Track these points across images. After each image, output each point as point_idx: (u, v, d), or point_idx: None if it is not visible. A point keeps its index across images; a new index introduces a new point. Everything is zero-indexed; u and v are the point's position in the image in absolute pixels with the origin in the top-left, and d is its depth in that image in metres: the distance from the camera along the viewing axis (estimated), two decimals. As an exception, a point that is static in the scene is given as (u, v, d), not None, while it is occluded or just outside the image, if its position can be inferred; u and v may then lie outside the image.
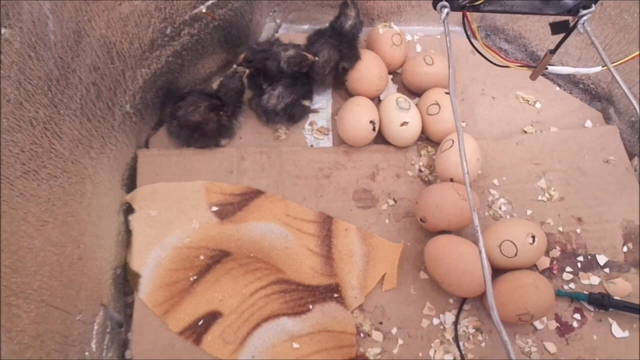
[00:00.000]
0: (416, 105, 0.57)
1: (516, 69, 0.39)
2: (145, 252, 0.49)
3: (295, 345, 0.46)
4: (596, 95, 0.61)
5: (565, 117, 0.60)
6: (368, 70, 0.56)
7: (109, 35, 0.44)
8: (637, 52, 0.34)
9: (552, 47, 0.37)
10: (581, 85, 0.62)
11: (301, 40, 0.58)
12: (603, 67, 0.29)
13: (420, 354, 0.47)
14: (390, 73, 0.60)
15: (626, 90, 0.28)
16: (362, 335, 0.47)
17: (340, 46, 0.55)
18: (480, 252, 0.23)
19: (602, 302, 0.48)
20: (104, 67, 0.45)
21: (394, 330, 0.48)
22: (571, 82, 0.62)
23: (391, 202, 0.54)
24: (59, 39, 0.38)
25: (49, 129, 0.38)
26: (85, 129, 0.44)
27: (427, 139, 0.57)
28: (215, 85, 0.58)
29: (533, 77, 0.40)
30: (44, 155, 0.38)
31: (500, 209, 0.54)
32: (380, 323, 0.48)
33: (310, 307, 0.48)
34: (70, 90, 0.41)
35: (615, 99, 0.60)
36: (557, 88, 0.62)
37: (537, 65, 0.37)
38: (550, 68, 0.37)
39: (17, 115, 0.34)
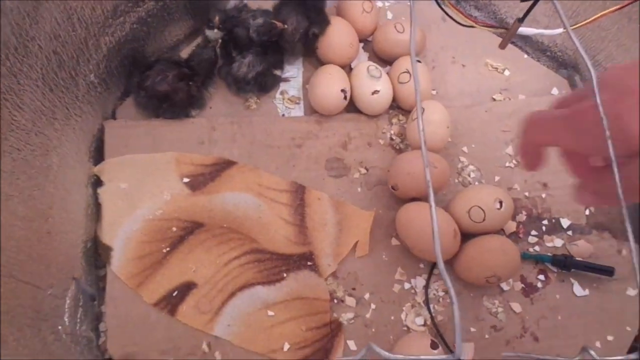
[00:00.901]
0: (387, 73, 0.57)
1: (481, 29, 0.39)
2: (116, 225, 0.48)
3: (270, 312, 0.47)
4: (563, 63, 0.62)
5: (533, 85, 0.61)
6: (339, 37, 0.56)
7: (69, 1, 0.42)
8: (596, 16, 0.35)
9: (521, 15, 0.37)
10: (548, 53, 0.62)
11: (270, 5, 0.56)
12: (564, 29, 0.30)
13: (392, 318, 0.49)
14: (361, 41, 0.60)
15: (581, 51, 0.28)
16: (335, 301, 0.48)
17: (307, 12, 0.54)
18: (430, 207, 0.24)
19: (565, 263, 0.50)
20: (65, 34, 0.43)
21: (367, 296, 0.49)
22: (539, 50, 0.63)
23: (363, 170, 0.54)
24: (15, 5, 0.36)
25: (8, 100, 0.37)
26: (47, 99, 0.42)
27: (399, 107, 0.57)
28: (183, 54, 0.57)
29: (502, 46, 0.41)
30: (5, 127, 0.36)
31: (469, 175, 0.55)
32: (353, 289, 0.49)
33: (285, 275, 0.48)
34: (30, 59, 0.39)
35: (580, 66, 0.61)
36: (525, 56, 0.63)
37: (500, 25, 0.37)
38: (521, 30, 0.38)
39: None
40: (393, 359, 0.21)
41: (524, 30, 0.37)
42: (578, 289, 0.51)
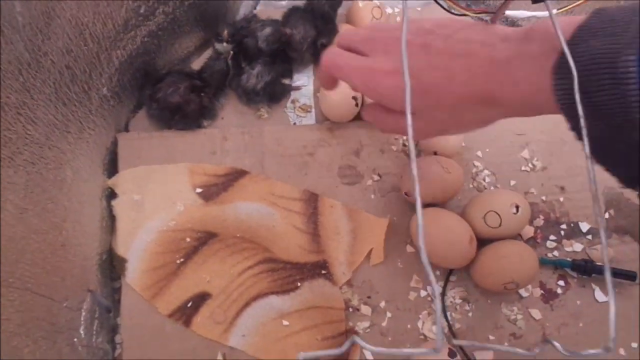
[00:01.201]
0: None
1: (474, 17, 0.38)
2: (130, 237, 0.48)
3: (285, 322, 0.46)
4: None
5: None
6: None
7: (81, 16, 0.43)
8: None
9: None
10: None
11: (279, 15, 0.56)
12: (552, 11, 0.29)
13: (408, 326, 0.48)
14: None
15: (562, 39, 0.28)
16: (350, 309, 0.48)
17: (315, 21, 0.54)
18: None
19: (585, 268, 0.49)
20: (77, 49, 0.43)
21: (382, 304, 0.48)
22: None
23: (376, 177, 0.54)
24: (27, 21, 0.37)
25: (22, 114, 0.37)
26: (61, 113, 0.43)
27: (410, 113, 0.57)
28: (194, 66, 0.57)
29: (492, 21, 0.39)
30: (19, 141, 0.37)
31: (484, 180, 0.54)
32: (369, 297, 0.49)
33: (299, 284, 0.48)
34: (42, 74, 0.40)
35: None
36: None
37: (492, 10, 0.36)
38: (507, 12, 0.37)
39: (-12, 101, 0.33)
40: (377, 351, 0.22)
41: (512, 13, 0.37)
42: (600, 295, 0.50)
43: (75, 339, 0.42)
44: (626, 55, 0.26)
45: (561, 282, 0.50)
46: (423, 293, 0.49)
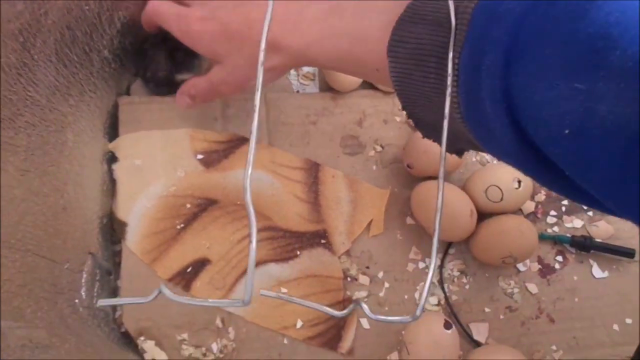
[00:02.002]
0: (404, 48, 0.55)
1: None
2: (131, 201, 0.48)
3: (284, 290, 0.47)
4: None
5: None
6: None
7: (81, -25, 0.42)
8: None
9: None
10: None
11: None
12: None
13: (405, 297, 0.48)
14: None
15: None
16: (349, 279, 0.48)
17: None
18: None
19: (584, 244, 0.49)
20: (77, 9, 0.42)
21: (381, 274, 0.49)
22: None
23: (378, 148, 0.53)
24: (26, -21, 0.36)
25: (22, 75, 0.37)
26: (62, 75, 0.42)
27: (415, 84, 0.56)
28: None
29: None
30: (20, 102, 0.36)
31: (487, 154, 0.54)
32: (367, 267, 0.49)
33: (298, 253, 0.48)
34: (42, 35, 0.39)
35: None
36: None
37: None
38: None
39: (-14, 61, 0.32)
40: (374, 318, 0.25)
41: None
42: (597, 271, 0.50)
43: (77, 300, 0.43)
44: (453, 58, 0.26)
45: (559, 258, 0.50)
46: (421, 265, 0.49)
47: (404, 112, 0.32)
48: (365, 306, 0.22)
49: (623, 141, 0.20)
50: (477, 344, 0.47)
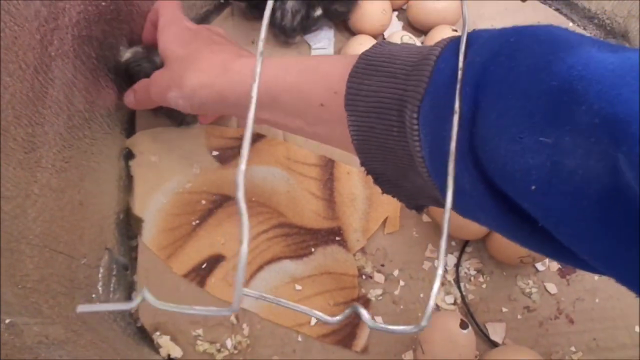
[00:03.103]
0: (422, 43, 0.55)
1: None
2: (147, 197, 0.49)
3: (298, 287, 0.47)
4: (611, 31, 0.58)
5: (578, 55, 0.58)
6: (370, 3, 0.54)
7: (98, -28, 0.42)
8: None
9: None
10: (596, 21, 0.59)
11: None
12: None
13: (421, 295, 0.48)
14: (395, 9, 0.58)
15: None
16: (364, 277, 0.48)
17: None
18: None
19: (605, 244, 0.48)
20: (94, 6, 0.43)
21: (396, 272, 0.48)
22: (586, 18, 0.59)
23: (394, 145, 0.53)
24: (43, -24, 0.36)
25: (40, 73, 0.37)
26: (79, 72, 0.43)
27: (433, 80, 0.55)
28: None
29: None
30: (37, 99, 0.37)
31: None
32: (382, 265, 0.49)
33: (312, 250, 0.48)
34: (60, 32, 0.39)
35: (630, 35, 0.57)
36: (571, 24, 0.59)
37: None
38: None
39: (5, 58, 0.33)
40: (373, 327, 0.22)
41: None
42: (619, 271, 0.49)
43: (94, 295, 0.43)
44: (410, 112, 0.25)
45: (579, 257, 0.49)
46: (437, 263, 0.49)
47: (362, 168, 0.31)
48: (364, 312, 0.21)
49: (595, 196, 0.19)
50: (494, 345, 0.46)
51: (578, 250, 0.22)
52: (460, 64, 0.23)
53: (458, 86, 0.23)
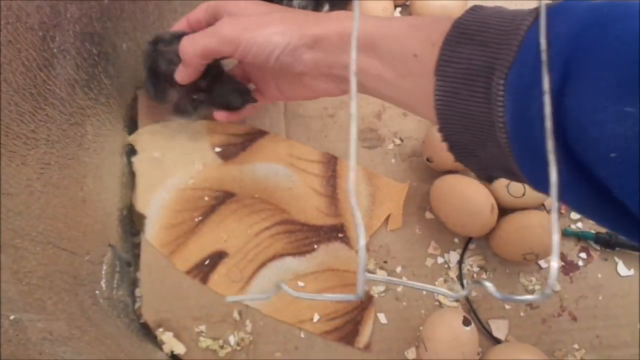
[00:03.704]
0: (425, 39, 0.54)
1: None
2: (150, 194, 0.49)
3: (301, 283, 0.47)
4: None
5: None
6: (370, 2, 0.53)
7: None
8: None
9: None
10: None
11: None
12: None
13: (424, 292, 0.48)
14: (397, 6, 0.57)
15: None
16: (366, 274, 0.48)
17: None
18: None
19: (609, 241, 0.48)
20: (96, 3, 0.43)
21: (399, 269, 0.48)
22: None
23: (397, 141, 0.52)
24: (45, -27, 0.36)
25: (42, 69, 0.37)
26: (81, 69, 0.42)
27: (436, 76, 0.55)
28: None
29: None
30: (39, 96, 0.37)
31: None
32: (385, 262, 0.49)
33: (315, 246, 0.48)
34: (62, 28, 0.39)
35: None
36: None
37: None
38: None
39: (7, 55, 0.33)
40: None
41: None
42: (622, 269, 0.49)
43: (97, 292, 0.43)
44: (497, 78, 0.26)
45: (583, 255, 0.49)
46: (440, 260, 0.49)
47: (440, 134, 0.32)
48: (489, 285, 0.22)
49: None
50: (497, 341, 0.46)
51: None
52: (543, 46, 0.24)
53: (544, 69, 0.24)
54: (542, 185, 0.27)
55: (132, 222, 0.49)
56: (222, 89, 0.43)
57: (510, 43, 0.26)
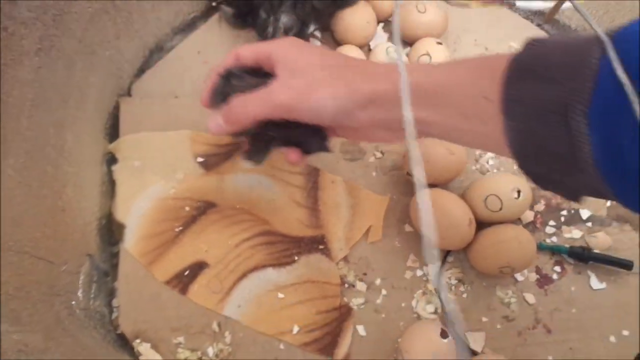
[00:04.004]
0: (407, 55, 0.55)
1: (493, 5, 0.37)
2: (130, 203, 0.48)
3: (281, 295, 0.47)
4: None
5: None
6: (353, 15, 0.54)
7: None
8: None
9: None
10: (576, 37, 0.60)
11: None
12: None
13: (402, 304, 0.48)
14: (381, 21, 0.58)
15: (590, 21, 0.27)
16: (346, 285, 0.48)
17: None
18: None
19: (582, 255, 0.49)
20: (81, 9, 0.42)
21: (378, 281, 0.49)
22: (567, 33, 0.61)
23: (379, 154, 0.53)
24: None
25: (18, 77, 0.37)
26: (62, 75, 0.42)
27: (417, 91, 0.56)
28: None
29: (548, 19, 0.38)
30: (18, 106, 0.36)
31: (487, 162, 0.53)
32: (365, 274, 0.49)
33: (296, 258, 0.48)
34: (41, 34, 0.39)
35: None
36: (552, 39, 0.61)
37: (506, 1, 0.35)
38: (519, 3, 0.36)
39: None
40: None
41: (523, 3, 0.35)
42: (595, 282, 0.50)
43: (73, 302, 0.43)
44: (576, 115, 0.25)
45: (557, 268, 0.50)
46: (419, 272, 0.49)
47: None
48: None
49: None
50: (474, 353, 0.47)
51: None
52: (624, 80, 0.24)
53: (635, 100, 0.23)
54: (636, 205, 0.27)
55: (112, 231, 0.49)
56: (300, 130, 0.38)
57: (584, 78, 0.25)
